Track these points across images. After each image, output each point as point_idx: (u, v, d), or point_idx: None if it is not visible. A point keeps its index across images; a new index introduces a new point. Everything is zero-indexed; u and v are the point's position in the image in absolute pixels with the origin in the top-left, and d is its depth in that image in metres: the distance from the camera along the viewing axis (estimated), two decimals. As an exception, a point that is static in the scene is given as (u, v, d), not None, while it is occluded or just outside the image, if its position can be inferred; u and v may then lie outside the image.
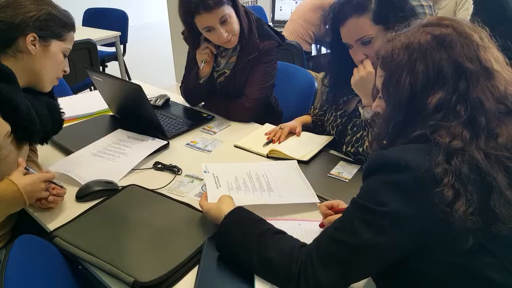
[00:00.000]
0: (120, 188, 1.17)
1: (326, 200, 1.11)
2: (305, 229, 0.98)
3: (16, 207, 0.99)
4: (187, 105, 1.81)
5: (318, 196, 1.12)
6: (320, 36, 2.97)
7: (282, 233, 0.85)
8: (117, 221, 1.04)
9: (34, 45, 1.06)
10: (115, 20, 3.79)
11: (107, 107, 1.67)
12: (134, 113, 1.53)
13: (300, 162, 1.30)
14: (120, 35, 3.39)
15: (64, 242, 0.96)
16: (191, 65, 1.72)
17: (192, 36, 1.58)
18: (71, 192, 1.16)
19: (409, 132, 0.72)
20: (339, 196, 1.11)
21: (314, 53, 3.13)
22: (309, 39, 2.93)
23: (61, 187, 1.12)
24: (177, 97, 1.89)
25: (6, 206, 0.97)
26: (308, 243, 0.81)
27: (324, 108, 1.61)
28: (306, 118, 1.59)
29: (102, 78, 1.47)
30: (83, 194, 1.14)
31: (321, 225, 0.96)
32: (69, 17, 1.13)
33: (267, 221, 0.90)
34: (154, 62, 5.42)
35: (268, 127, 1.60)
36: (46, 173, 1.08)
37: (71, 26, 1.14)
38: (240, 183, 1.15)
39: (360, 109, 1.26)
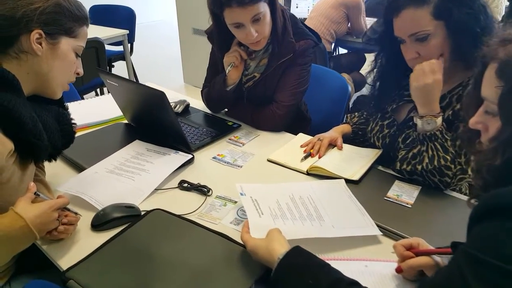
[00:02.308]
0: (142, 213, 1.00)
1: (387, 230, 0.94)
2: (374, 272, 0.81)
3: (25, 244, 0.82)
4: (208, 111, 1.63)
5: (378, 226, 0.94)
6: (342, 35, 2.79)
7: (356, 284, 0.68)
8: (142, 258, 0.87)
9: (40, 44, 0.88)
10: (122, 17, 3.62)
11: (121, 114, 1.50)
12: (153, 122, 1.36)
13: (347, 181, 1.13)
14: (127, 34, 3.21)
15: (79, 287, 0.79)
16: (216, 67, 1.54)
17: (219, 31, 1.39)
18: (85, 218, 0.98)
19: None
20: (403, 226, 0.94)
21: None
22: (330, 38, 2.75)
23: (76, 213, 0.95)
24: (196, 102, 1.72)
25: (14, 244, 0.80)
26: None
27: (364, 115, 1.44)
28: (346, 128, 1.41)
29: (117, 83, 1.30)
30: (100, 222, 0.96)
31: (398, 270, 0.78)
32: (81, 9, 0.95)
33: (328, 262, 0.73)
34: (161, 61, 5.25)
35: (303, 137, 1.42)
36: (58, 198, 0.90)
37: (83, 20, 0.96)
38: (284, 209, 0.97)
39: (417, 119, 1.08)
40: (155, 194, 1.10)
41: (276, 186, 1.08)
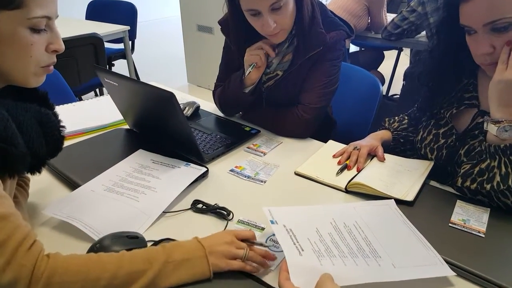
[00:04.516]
0: (149, 245, 0.80)
1: (461, 268, 0.74)
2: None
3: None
4: (221, 114, 1.43)
5: (447, 263, 0.74)
6: (361, 30, 2.59)
7: None
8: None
9: None
10: (123, 13, 3.41)
11: (121, 118, 1.30)
12: (159, 128, 1.16)
13: (398, 201, 0.92)
14: (128, 30, 3.00)
15: None
16: (230, 63, 1.33)
17: (235, 20, 1.19)
18: (78, 252, 0.78)
19: None
20: (481, 263, 0.75)
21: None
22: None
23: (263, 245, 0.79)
24: (205, 104, 1.52)
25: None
26: None
27: (406, 120, 1.24)
28: (385, 134, 1.21)
29: (117, 82, 1.10)
30: (95, 259, 0.76)
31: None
32: None
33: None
34: (164, 60, 5.06)
35: (334, 145, 1.22)
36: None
37: None
38: (328, 241, 0.77)
39: (489, 125, 0.87)
40: (164, 219, 0.90)
41: (312, 209, 0.88)
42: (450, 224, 0.85)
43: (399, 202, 0.92)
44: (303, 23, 1.16)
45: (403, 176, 1.01)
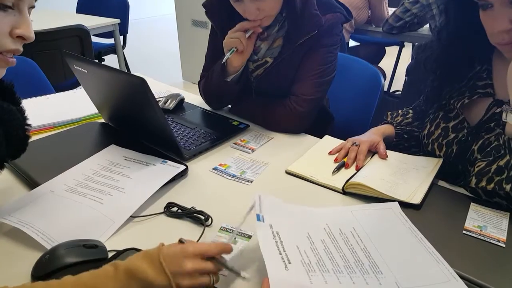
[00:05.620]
0: (110, 257, 0.68)
1: (478, 285, 0.62)
2: None
3: None
4: (207, 107, 1.31)
5: (462, 278, 0.62)
6: (361, 24, 2.46)
7: None
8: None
9: None
10: (115, 8, 3.30)
11: (97, 111, 1.18)
12: (134, 120, 1.04)
13: (403, 204, 0.80)
14: (119, 24, 2.88)
15: None
16: (217, 51, 1.21)
17: (219, 1, 1.08)
18: (27, 263, 0.66)
19: None
20: (502, 279, 0.62)
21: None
22: (349, 27, 2.43)
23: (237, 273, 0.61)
24: (193, 97, 1.40)
25: None
26: None
27: (410, 113, 1.12)
28: (387, 129, 1.09)
29: (86, 69, 0.98)
30: (44, 273, 0.64)
31: None
32: None
33: None
34: (159, 57, 4.95)
35: (330, 141, 1.10)
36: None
37: None
38: (320, 251, 0.65)
39: (509, 117, 0.74)
40: (131, 224, 0.78)
41: (304, 212, 0.76)
42: (464, 232, 0.73)
43: (404, 205, 0.80)
44: (294, 4, 1.04)
45: (408, 175, 0.89)
